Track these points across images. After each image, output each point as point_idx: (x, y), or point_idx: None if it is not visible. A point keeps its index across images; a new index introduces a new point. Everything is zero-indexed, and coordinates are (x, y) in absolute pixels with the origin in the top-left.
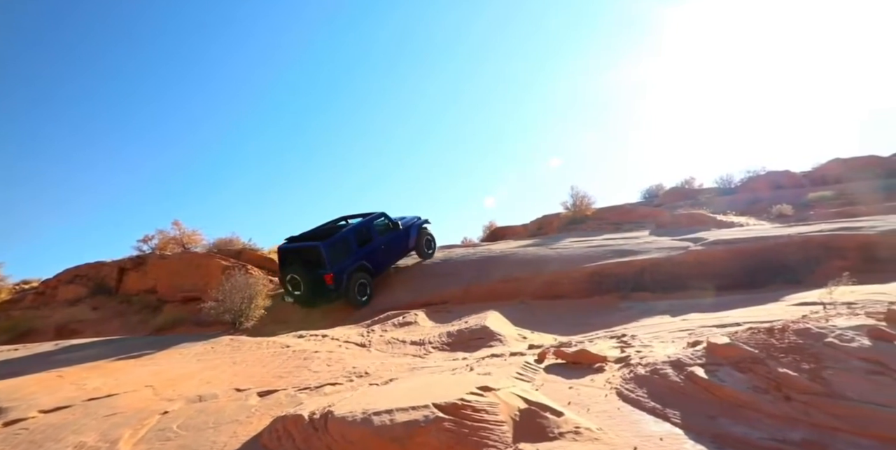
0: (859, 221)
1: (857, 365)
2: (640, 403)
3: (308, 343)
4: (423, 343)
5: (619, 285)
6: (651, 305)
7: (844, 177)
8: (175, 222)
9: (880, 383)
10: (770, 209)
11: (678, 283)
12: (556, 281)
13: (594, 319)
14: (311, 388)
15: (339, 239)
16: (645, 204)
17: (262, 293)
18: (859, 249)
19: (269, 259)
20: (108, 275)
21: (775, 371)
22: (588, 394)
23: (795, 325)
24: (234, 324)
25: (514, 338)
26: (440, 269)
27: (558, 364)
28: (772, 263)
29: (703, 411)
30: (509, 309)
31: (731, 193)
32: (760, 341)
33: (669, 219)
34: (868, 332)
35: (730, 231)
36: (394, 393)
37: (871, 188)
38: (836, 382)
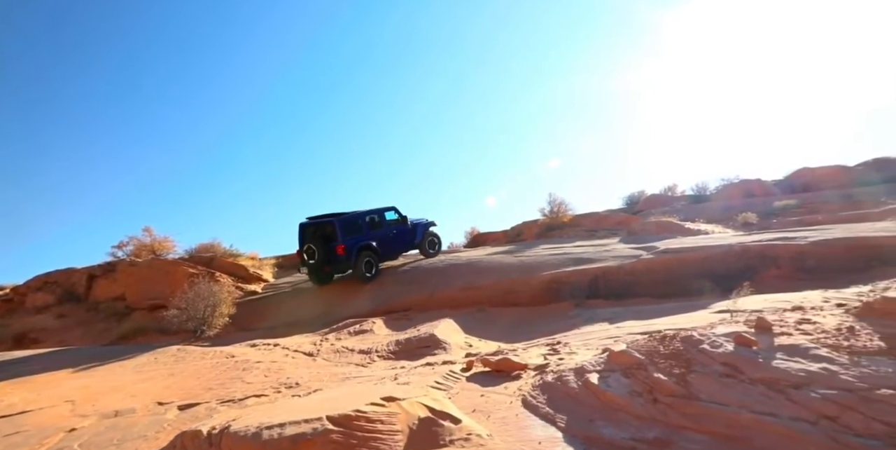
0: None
1: (716, 369)
2: (538, 409)
3: (256, 353)
4: (371, 352)
5: (574, 293)
6: (597, 312)
7: (812, 186)
8: (146, 229)
9: (728, 384)
10: (736, 217)
11: (629, 290)
12: (515, 289)
13: (543, 327)
14: (235, 400)
15: (351, 218)
16: (625, 210)
17: (226, 301)
18: (792, 258)
19: (241, 266)
20: (77, 282)
21: (651, 376)
22: (496, 401)
23: (683, 333)
24: (195, 332)
25: (460, 346)
26: (407, 276)
27: (483, 372)
28: (714, 271)
29: (586, 415)
30: (467, 317)
31: (706, 200)
32: (650, 348)
33: (640, 226)
34: (735, 338)
35: (680, 240)
36: (303, 405)
37: (833, 197)
38: (695, 384)
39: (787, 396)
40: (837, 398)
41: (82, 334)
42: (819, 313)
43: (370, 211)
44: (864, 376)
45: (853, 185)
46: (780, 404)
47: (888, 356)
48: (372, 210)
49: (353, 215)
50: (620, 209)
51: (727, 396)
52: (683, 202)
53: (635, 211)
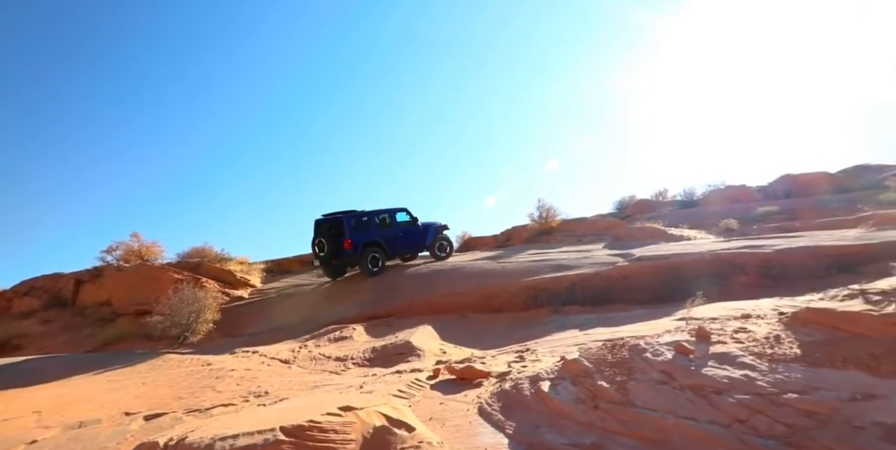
0: (768, 238)
1: (653, 376)
2: (491, 416)
3: (232, 360)
4: (346, 359)
5: (553, 299)
6: (571, 319)
7: (794, 192)
8: (134, 234)
9: (661, 391)
10: (719, 223)
11: (606, 297)
12: (495, 295)
13: (518, 333)
14: (202, 410)
15: (359, 215)
16: (615, 215)
17: (211, 307)
18: (758, 266)
19: (228, 272)
20: (64, 287)
21: (595, 384)
22: (454, 409)
23: (632, 341)
24: (179, 338)
25: (434, 353)
26: (391, 282)
27: (448, 380)
28: (685, 278)
29: (534, 422)
30: (448, 323)
31: (693, 205)
32: (599, 357)
33: (625, 232)
34: (675, 347)
35: (656, 247)
36: (263, 415)
37: (813, 204)
38: (633, 391)
39: (709, 401)
40: (750, 403)
41: (66, 340)
42: (757, 322)
43: (380, 210)
44: (776, 382)
45: (834, 191)
46: (702, 408)
47: (801, 363)
48: (382, 210)
49: (362, 213)
50: (611, 214)
51: (658, 402)
52: (671, 207)
53: (624, 216)
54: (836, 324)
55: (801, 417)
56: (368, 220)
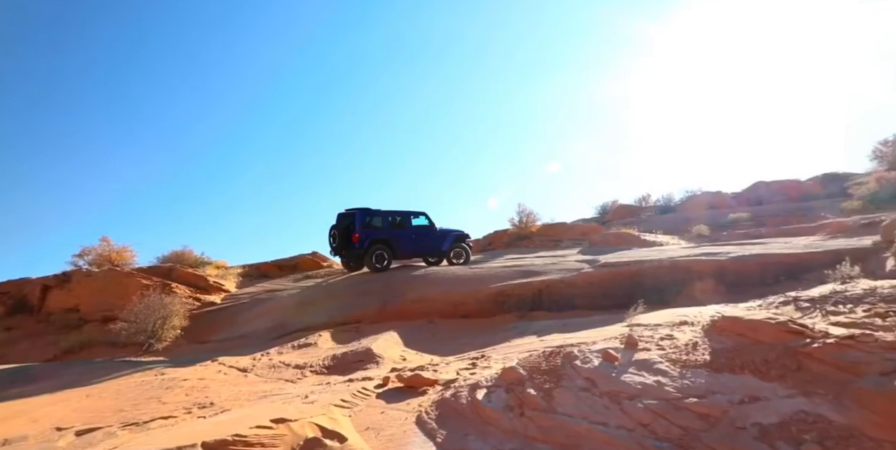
0: (726, 245)
1: (578, 383)
2: (426, 425)
3: (187, 369)
4: (305, 367)
5: (520, 305)
6: (533, 325)
7: (766, 199)
8: (103, 238)
9: (582, 397)
10: (691, 229)
11: (570, 303)
12: (464, 301)
13: (480, 339)
14: (139, 423)
15: (373, 213)
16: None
17: (178, 313)
18: (713, 273)
19: (201, 277)
20: (30, 293)
21: (525, 391)
22: (393, 418)
23: (568, 348)
24: (143, 345)
25: (394, 360)
26: (363, 287)
27: (396, 388)
28: (645, 284)
29: (464, 430)
30: (415, 329)
31: (671, 211)
32: (534, 364)
33: (600, 238)
34: (602, 354)
35: (623, 254)
36: (196, 429)
37: (781, 211)
38: (557, 398)
39: (621, 406)
40: (655, 407)
41: (27, 348)
42: (683, 330)
43: (396, 212)
44: (681, 387)
45: (803, 199)
46: (614, 414)
47: (707, 369)
48: (399, 211)
49: (376, 211)
50: (593, 218)
51: (578, 408)
52: (650, 213)
53: (605, 221)
54: (742, 332)
55: (696, 419)
56: (382, 219)
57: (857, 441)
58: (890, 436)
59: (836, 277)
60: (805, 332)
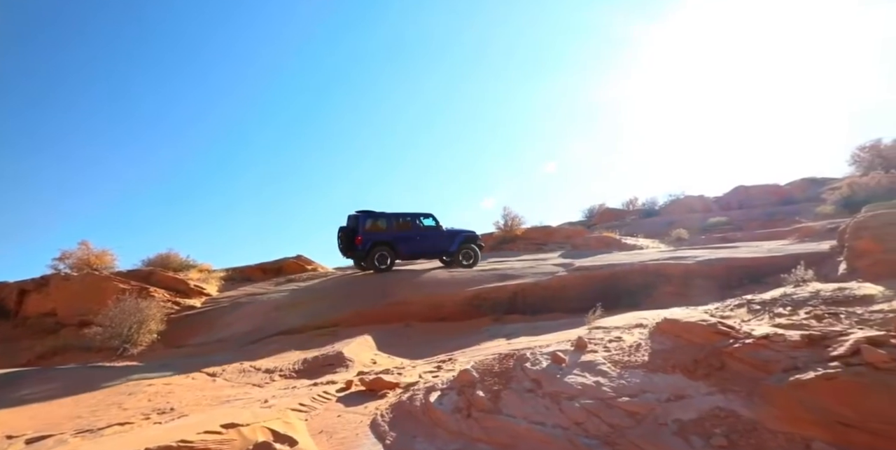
0: (695, 249)
1: (525, 385)
2: (379, 428)
3: (155, 374)
4: (274, 371)
5: (495, 308)
6: (505, 328)
7: (746, 203)
8: (82, 242)
9: (527, 399)
10: (671, 233)
11: (545, 305)
12: (442, 304)
13: (453, 343)
14: (94, 430)
15: (377, 216)
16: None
17: (155, 317)
18: (681, 276)
19: (181, 281)
20: (7, 296)
21: (474, 393)
22: (349, 421)
23: (521, 351)
24: (118, 350)
25: (363, 364)
26: (343, 291)
27: (358, 392)
28: (618, 287)
29: (413, 432)
30: (391, 332)
31: (655, 214)
32: (488, 367)
33: (582, 241)
34: (551, 356)
35: (600, 258)
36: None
37: (759, 215)
38: (504, 400)
39: (560, 406)
40: (590, 406)
41: (1, 353)
42: (632, 332)
43: (401, 213)
44: (617, 387)
45: (782, 203)
46: (553, 414)
47: (643, 369)
48: (404, 213)
49: (379, 214)
50: (580, 222)
51: (521, 409)
52: (634, 216)
53: (591, 224)
54: (679, 333)
55: (626, 417)
56: (386, 221)
57: (758, 434)
58: (784, 427)
59: (791, 280)
60: (730, 333)
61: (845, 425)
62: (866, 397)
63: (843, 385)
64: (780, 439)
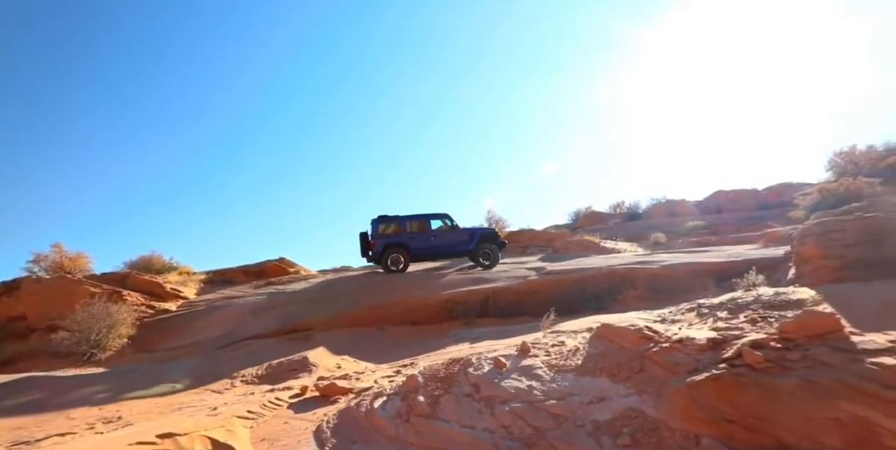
0: (664, 253)
1: (465, 389)
2: (321, 434)
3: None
4: (237, 377)
5: (468, 312)
6: (473, 332)
7: (724, 207)
8: (55, 245)
9: (463, 403)
10: (649, 237)
11: (516, 309)
12: (415, 308)
13: (422, 347)
14: (31, 442)
15: (390, 219)
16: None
17: (125, 322)
18: (647, 280)
19: (157, 284)
20: None
21: (416, 399)
22: (294, 428)
23: (468, 356)
24: (85, 355)
25: (328, 369)
26: (320, 294)
27: (312, 397)
28: (586, 291)
29: (353, 438)
30: (364, 336)
31: (638, 218)
32: (434, 372)
33: (563, 245)
34: (494, 361)
35: (576, 261)
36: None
37: (735, 219)
38: (442, 405)
39: (492, 410)
40: (519, 410)
41: None
42: (575, 337)
43: (415, 216)
44: (547, 390)
45: (758, 207)
46: (484, 417)
47: (575, 373)
48: (418, 215)
49: (392, 218)
50: (565, 225)
51: (457, 413)
52: (618, 220)
53: (576, 227)
54: (612, 338)
55: (549, 419)
56: (399, 224)
57: (659, 432)
58: (681, 425)
59: (743, 284)
60: (653, 337)
61: (728, 421)
62: (743, 395)
63: (726, 385)
64: (677, 436)
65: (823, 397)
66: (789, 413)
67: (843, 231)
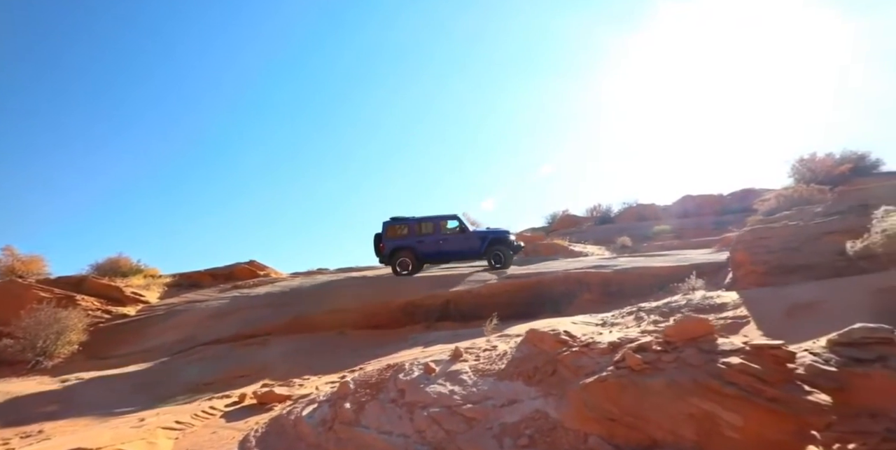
0: (629, 256)
1: (391, 395)
2: (247, 444)
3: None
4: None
5: (428, 315)
6: (430, 335)
7: (692, 211)
8: (6, 248)
9: (387, 409)
10: (617, 240)
11: (476, 312)
12: (377, 312)
13: (379, 350)
14: None
15: (399, 222)
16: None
17: (76, 328)
18: (600, 284)
19: (115, 288)
20: None
21: (342, 406)
22: (221, 438)
23: (403, 362)
24: (31, 363)
25: (278, 374)
26: (282, 299)
27: (249, 405)
28: (543, 295)
29: (277, 447)
30: (323, 340)
31: (610, 222)
32: (366, 378)
33: (532, 248)
34: (424, 366)
35: (534, 265)
36: None
37: (698, 224)
38: (367, 411)
39: (412, 415)
40: (436, 414)
41: None
42: (507, 340)
43: (424, 218)
44: (467, 394)
45: (722, 212)
46: (403, 423)
47: (496, 377)
48: (427, 217)
49: (402, 220)
50: (542, 228)
51: (379, 419)
52: (590, 223)
53: (550, 230)
54: (535, 342)
55: (462, 423)
56: (408, 227)
57: (556, 432)
58: (575, 425)
59: (684, 288)
60: (568, 341)
61: (611, 419)
62: (624, 395)
63: (610, 386)
64: (570, 436)
65: (682, 394)
66: (657, 410)
67: (769, 238)
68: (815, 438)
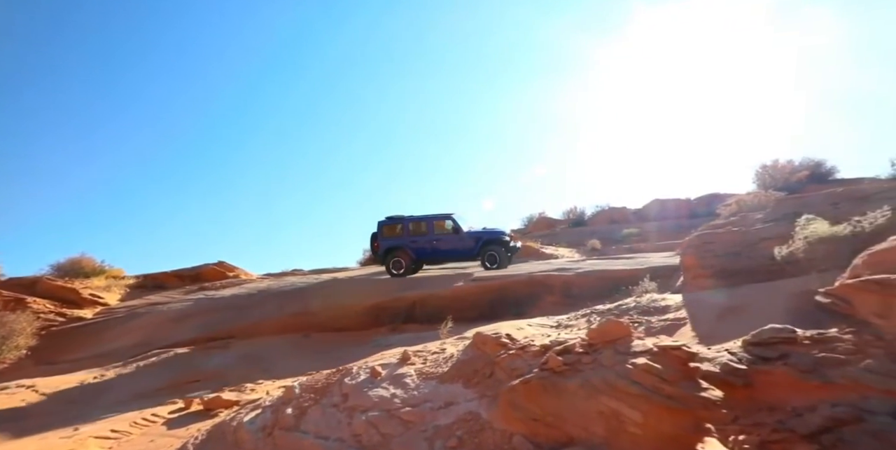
0: (595, 259)
1: (334, 400)
2: None
3: None
4: (132, 391)
5: (394, 318)
6: (394, 338)
7: (660, 215)
8: None
9: (328, 413)
10: (587, 243)
11: (442, 315)
12: (343, 315)
13: (343, 354)
14: None
15: (394, 222)
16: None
17: (24, 332)
18: (562, 286)
19: (72, 290)
20: None
21: (283, 411)
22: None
23: (351, 365)
24: None
25: (233, 379)
26: (246, 301)
27: (195, 412)
28: (507, 297)
29: None
30: (287, 343)
31: (583, 224)
32: (313, 383)
33: None
34: (371, 370)
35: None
36: None
37: (665, 227)
38: (308, 416)
39: (351, 420)
40: (375, 418)
41: None
42: (457, 343)
43: (419, 217)
44: (408, 398)
45: (689, 216)
46: (341, 427)
47: (438, 380)
48: (422, 217)
49: (397, 219)
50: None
51: (318, 424)
52: (564, 226)
53: (526, 232)
54: (479, 345)
55: (399, 426)
56: (402, 226)
57: (484, 432)
58: (502, 425)
59: (638, 291)
60: (507, 344)
61: (534, 419)
62: (545, 396)
63: (534, 387)
64: (497, 436)
65: (593, 394)
66: (572, 409)
67: (714, 243)
68: (711, 431)
